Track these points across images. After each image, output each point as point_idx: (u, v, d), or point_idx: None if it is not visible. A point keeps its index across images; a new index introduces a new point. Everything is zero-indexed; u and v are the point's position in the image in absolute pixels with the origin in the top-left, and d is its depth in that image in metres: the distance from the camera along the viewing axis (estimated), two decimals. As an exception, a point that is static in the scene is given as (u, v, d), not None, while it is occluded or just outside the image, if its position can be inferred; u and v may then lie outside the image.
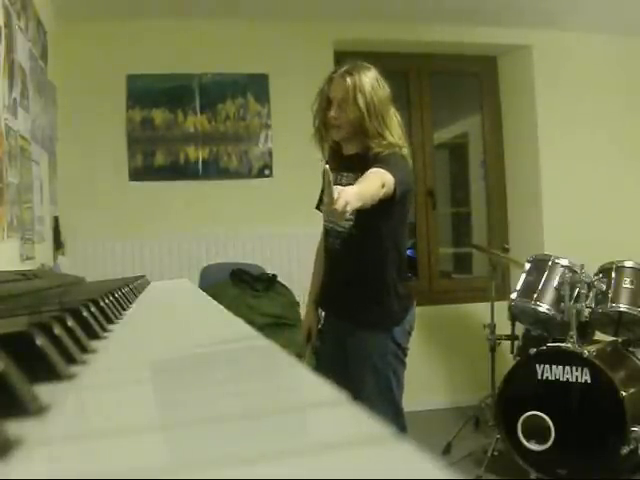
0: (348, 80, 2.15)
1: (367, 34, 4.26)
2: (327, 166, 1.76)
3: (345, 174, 2.23)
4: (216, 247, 3.99)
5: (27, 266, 2.40)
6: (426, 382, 4.21)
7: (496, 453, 3.06)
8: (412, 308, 2.27)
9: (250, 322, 0.87)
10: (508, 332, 3.37)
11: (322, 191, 2.32)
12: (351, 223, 2.18)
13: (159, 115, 4.04)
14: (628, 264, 3.09)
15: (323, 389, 0.44)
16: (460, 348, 4.33)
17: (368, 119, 2.13)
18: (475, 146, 5.02)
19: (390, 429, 0.33)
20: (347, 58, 2.33)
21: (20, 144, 2.43)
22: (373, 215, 2.04)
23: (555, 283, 3.07)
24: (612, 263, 3.13)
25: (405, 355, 2.25)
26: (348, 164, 2.22)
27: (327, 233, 2.33)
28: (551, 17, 4.27)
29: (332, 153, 2.31)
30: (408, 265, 2.23)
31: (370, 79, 2.16)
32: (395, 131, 2.17)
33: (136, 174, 4.01)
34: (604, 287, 3.05)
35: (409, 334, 2.26)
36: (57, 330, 0.59)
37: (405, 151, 2.18)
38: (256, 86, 4.15)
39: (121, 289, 1.36)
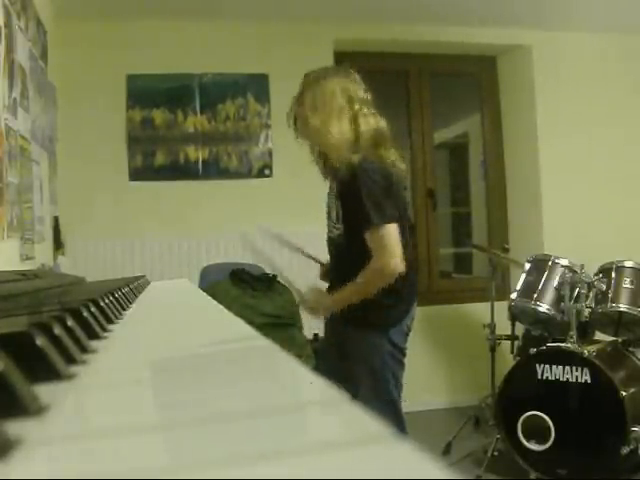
0: (296, 108, 2.25)
1: (367, 34, 4.26)
2: None
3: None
4: (216, 247, 3.99)
5: (27, 266, 2.40)
6: (426, 382, 4.21)
7: (496, 453, 3.06)
8: (411, 309, 2.27)
9: (250, 322, 0.87)
10: (508, 332, 3.37)
11: (329, 209, 2.33)
12: (340, 232, 2.23)
13: (159, 115, 4.04)
14: (628, 264, 3.09)
15: (323, 389, 0.44)
16: (460, 348, 4.33)
17: (315, 135, 2.21)
18: (475, 146, 5.02)
19: (389, 429, 0.33)
20: (347, 58, 2.35)
21: (20, 144, 2.43)
22: (359, 223, 2.12)
23: (555, 283, 3.07)
24: (612, 263, 3.13)
25: (403, 355, 2.25)
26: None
27: (327, 240, 2.37)
28: (551, 17, 4.27)
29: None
30: (409, 266, 2.24)
31: (317, 94, 2.19)
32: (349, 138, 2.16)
33: (136, 174, 4.01)
34: (604, 287, 3.05)
35: (407, 335, 2.26)
36: (57, 330, 0.59)
37: (365, 162, 2.13)
38: (256, 86, 4.15)
39: (121, 289, 1.36)
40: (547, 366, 2.84)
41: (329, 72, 2.27)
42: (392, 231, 2.09)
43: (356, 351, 2.22)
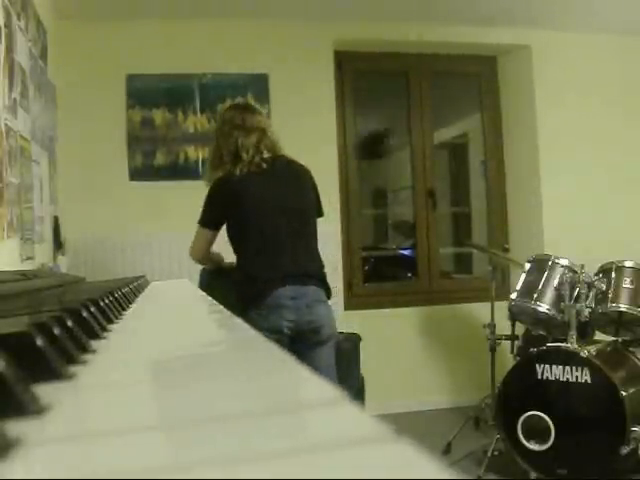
0: None
1: (367, 34, 4.26)
2: None
3: None
4: (216, 247, 3.98)
5: (27, 266, 2.40)
6: (426, 382, 4.21)
7: (496, 453, 3.05)
8: (263, 311, 2.54)
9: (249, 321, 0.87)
10: (508, 332, 3.36)
11: None
12: None
13: (159, 115, 4.04)
14: (628, 264, 3.09)
15: (323, 389, 0.44)
16: (460, 348, 4.33)
17: None
18: (475, 146, 5.02)
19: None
20: (347, 58, 2.37)
21: (20, 144, 2.42)
22: None
23: (555, 283, 3.07)
24: (612, 263, 3.12)
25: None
26: None
27: None
28: (551, 17, 4.27)
29: None
30: (290, 266, 2.57)
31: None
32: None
33: (136, 174, 4.01)
34: (604, 287, 3.05)
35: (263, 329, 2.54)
36: (57, 330, 0.59)
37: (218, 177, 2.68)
38: (256, 86, 4.15)
39: (121, 289, 1.36)
40: (547, 366, 2.84)
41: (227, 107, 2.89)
42: (199, 233, 2.84)
43: None
